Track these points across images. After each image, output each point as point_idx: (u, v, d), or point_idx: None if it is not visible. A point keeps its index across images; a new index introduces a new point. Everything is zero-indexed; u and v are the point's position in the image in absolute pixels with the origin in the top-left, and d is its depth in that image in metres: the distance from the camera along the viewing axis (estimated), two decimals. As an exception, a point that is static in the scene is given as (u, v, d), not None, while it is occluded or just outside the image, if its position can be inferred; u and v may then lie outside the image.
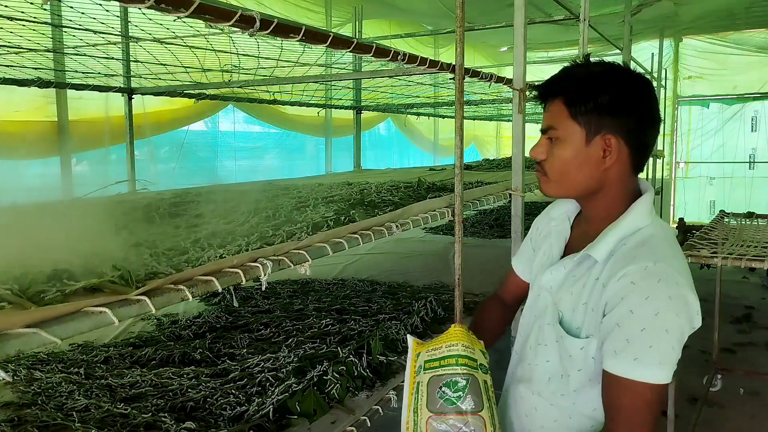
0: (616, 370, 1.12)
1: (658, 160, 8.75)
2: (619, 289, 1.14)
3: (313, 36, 1.60)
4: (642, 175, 1.31)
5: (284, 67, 3.77)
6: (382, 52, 1.97)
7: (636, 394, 1.11)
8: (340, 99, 5.92)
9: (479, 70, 2.79)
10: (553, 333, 1.28)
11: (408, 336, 1.38)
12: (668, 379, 1.11)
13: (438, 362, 1.25)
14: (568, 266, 1.29)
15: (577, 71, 1.25)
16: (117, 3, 1.30)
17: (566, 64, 1.30)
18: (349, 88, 5.56)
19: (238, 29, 1.35)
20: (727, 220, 4.00)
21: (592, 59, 1.29)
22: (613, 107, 1.18)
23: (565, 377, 1.27)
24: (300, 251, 1.67)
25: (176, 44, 3.25)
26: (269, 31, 1.41)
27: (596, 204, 1.27)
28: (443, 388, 1.22)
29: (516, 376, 1.43)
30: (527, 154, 3.02)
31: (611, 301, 1.15)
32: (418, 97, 6.06)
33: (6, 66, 3.19)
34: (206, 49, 3.43)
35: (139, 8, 1.19)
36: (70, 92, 4.24)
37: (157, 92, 4.07)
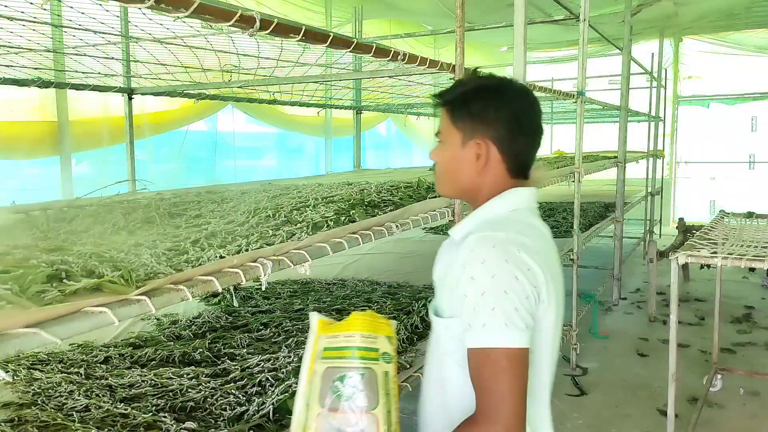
0: (471, 343, 1.11)
1: (658, 160, 8.75)
2: (462, 259, 1.17)
3: (313, 36, 1.60)
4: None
5: (284, 67, 3.77)
6: (382, 52, 1.97)
7: (491, 362, 1.08)
8: (340, 99, 5.92)
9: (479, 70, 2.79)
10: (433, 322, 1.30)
11: (311, 313, 1.24)
12: (520, 342, 1.08)
13: (334, 352, 1.17)
14: (443, 257, 1.33)
15: (464, 82, 1.37)
16: (117, 3, 1.30)
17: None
18: (349, 88, 5.56)
19: (238, 29, 1.35)
20: (727, 220, 4.00)
21: (483, 72, 1.38)
22: (485, 115, 1.27)
23: (438, 364, 1.28)
24: (300, 251, 1.67)
25: (176, 44, 3.25)
26: (269, 31, 1.41)
27: (477, 204, 1.33)
28: (336, 383, 1.14)
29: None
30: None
31: (459, 273, 1.16)
32: (418, 97, 6.06)
33: (6, 66, 3.19)
34: (206, 49, 3.43)
35: (139, 8, 1.19)
36: (70, 92, 4.24)
37: (157, 92, 4.07)
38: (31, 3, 2.51)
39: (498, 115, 1.27)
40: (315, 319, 1.23)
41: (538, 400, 1.23)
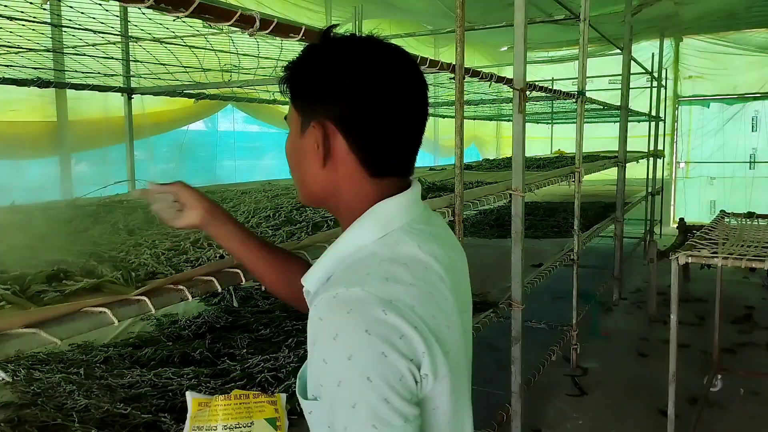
0: None
1: (658, 160, 8.75)
2: (311, 330, 0.83)
3: (313, 36, 1.60)
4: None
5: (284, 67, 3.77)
6: (382, 52, 1.97)
7: None
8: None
9: (479, 69, 2.79)
10: None
11: (187, 393, 0.99)
12: None
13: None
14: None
15: (309, 46, 0.95)
16: (117, 3, 1.30)
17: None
18: (349, 88, 5.55)
19: (237, 29, 1.35)
20: (727, 220, 4.00)
21: (338, 31, 0.97)
22: (322, 87, 0.88)
23: None
24: (300, 251, 1.67)
25: (176, 44, 3.25)
26: (269, 31, 1.41)
27: (338, 217, 0.97)
28: None
29: None
30: (528, 154, 3.03)
31: (310, 349, 0.84)
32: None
33: (6, 66, 3.19)
34: (206, 49, 3.43)
35: (139, 8, 1.19)
36: (70, 92, 4.24)
37: (157, 92, 4.07)
38: (31, 3, 2.50)
39: (339, 85, 0.87)
40: (189, 400, 0.98)
41: None
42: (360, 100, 0.87)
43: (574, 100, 4.11)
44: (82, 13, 2.63)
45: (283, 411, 0.99)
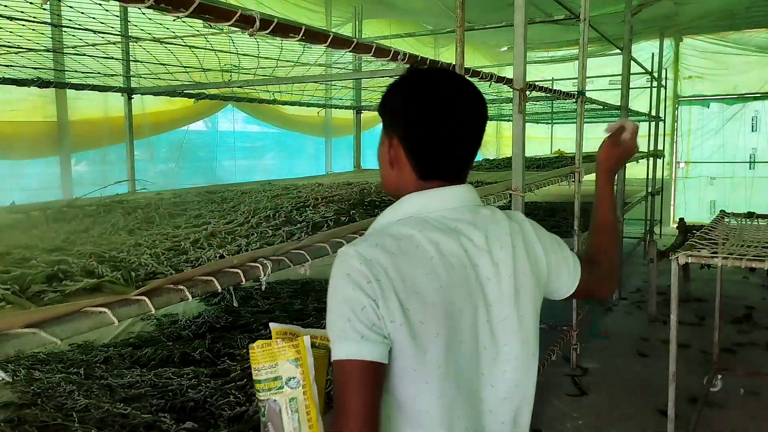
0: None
1: (658, 160, 8.75)
2: None
3: (313, 36, 1.60)
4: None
5: (284, 67, 3.77)
6: (382, 52, 1.97)
7: (334, 374, 1.06)
8: (341, 99, 5.92)
9: (479, 70, 2.79)
10: None
11: (271, 325, 1.24)
12: (355, 353, 1.02)
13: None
14: None
15: (398, 79, 1.25)
16: (117, 3, 1.30)
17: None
18: (349, 88, 5.55)
19: (237, 29, 1.35)
20: (727, 220, 4.00)
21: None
22: (391, 110, 1.20)
23: None
24: (300, 251, 1.67)
25: (176, 44, 3.25)
26: (269, 31, 1.41)
27: None
28: (258, 407, 1.17)
29: None
30: (528, 154, 3.03)
31: None
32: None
33: (6, 66, 3.19)
34: (206, 49, 3.43)
35: (139, 8, 1.19)
36: (70, 92, 4.24)
37: (157, 92, 4.07)
38: (31, 3, 2.50)
39: (401, 108, 1.17)
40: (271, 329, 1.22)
41: (423, 428, 1.09)
42: (412, 124, 1.16)
43: (574, 100, 4.11)
44: (82, 13, 2.62)
45: (306, 351, 1.15)
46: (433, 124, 1.14)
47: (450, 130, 1.15)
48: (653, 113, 8.28)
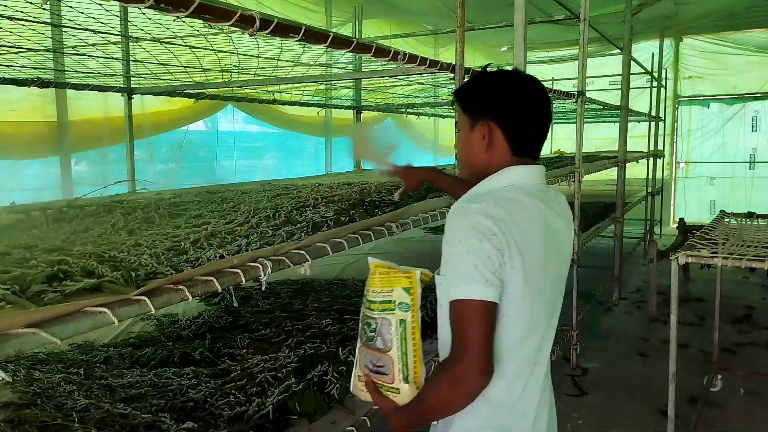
0: (450, 297, 1.29)
1: (658, 160, 8.75)
2: (445, 227, 1.36)
3: (313, 36, 1.60)
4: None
5: (284, 67, 3.77)
6: (382, 52, 1.97)
7: (457, 312, 1.27)
8: (341, 99, 5.92)
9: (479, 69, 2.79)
10: None
11: (369, 258, 1.43)
12: (480, 294, 1.24)
13: (366, 302, 1.39)
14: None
15: (473, 76, 1.55)
16: (117, 3, 1.30)
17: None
18: (349, 88, 5.56)
19: (238, 29, 1.35)
20: (727, 220, 4.00)
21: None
22: (489, 100, 1.43)
23: (439, 313, 1.41)
24: (300, 251, 1.67)
25: (176, 44, 3.25)
26: (269, 31, 1.41)
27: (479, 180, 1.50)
28: (364, 326, 1.39)
29: None
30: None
31: (443, 238, 1.36)
32: (418, 97, 6.06)
33: (6, 66, 3.19)
34: (206, 49, 3.43)
35: (139, 8, 1.19)
36: (70, 92, 4.24)
37: (157, 92, 4.06)
38: (31, 3, 2.50)
39: (507, 103, 1.42)
40: (370, 263, 1.42)
41: (512, 355, 1.34)
42: (513, 109, 1.41)
43: (574, 100, 4.11)
44: (82, 13, 2.63)
45: (417, 283, 1.35)
46: (530, 109, 1.42)
47: (539, 115, 1.43)
48: (653, 113, 8.28)
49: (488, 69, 1.51)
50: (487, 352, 1.25)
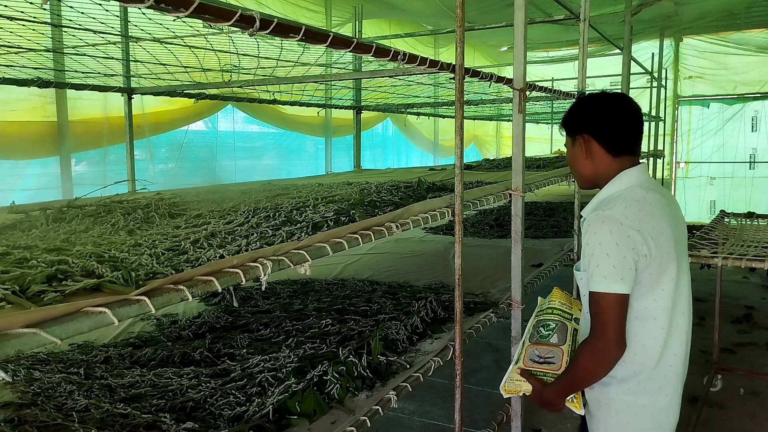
0: (589, 288, 1.64)
1: (658, 159, 8.75)
2: (584, 231, 1.70)
3: (313, 36, 1.60)
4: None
5: (284, 67, 3.77)
6: (382, 52, 1.97)
7: (595, 302, 1.62)
8: (340, 99, 5.92)
9: (479, 70, 2.79)
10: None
11: (555, 289, 1.92)
12: (616, 289, 1.59)
13: (542, 312, 1.86)
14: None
15: (577, 103, 1.93)
16: (117, 3, 1.30)
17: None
18: (349, 88, 5.55)
19: (237, 29, 1.35)
20: (727, 220, 4.00)
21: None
22: (583, 119, 1.81)
23: (584, 303, 1.80)
24: (300, 251, 1.67)
25: (176, 44, 3.25)
26: (269, 31, 1.40)
27: (599, 185, 1.83)
28: (540, 328, 1.82)
29: None
30: (528, 154, 3.03)
31: (584, 241, 1.70)
32: (418, 97, 6.06)
33: (6, 66, 3.19)
34: (206, 49, 3.42)
35: (139, 8, 1.19)
36: (70, 92, 4.24)
37: (157, 92, 4.06)
38: (31, 3, 2.50)
39: (592, 117, 1.79)
40: (554, 292, 1.90)
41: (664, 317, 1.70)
42: (604, 121, 1.79)
43: (574, 100, 4.11)
44: (82, 13, 2.63)
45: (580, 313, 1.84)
46: (612, 115, 1.77)
47: (623, 119, 1.77)
48: (653, 113, 8.28)
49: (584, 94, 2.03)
50: (617, 337, 1.60)
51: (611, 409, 1.75)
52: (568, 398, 1.76)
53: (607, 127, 1.76)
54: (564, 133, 1.88)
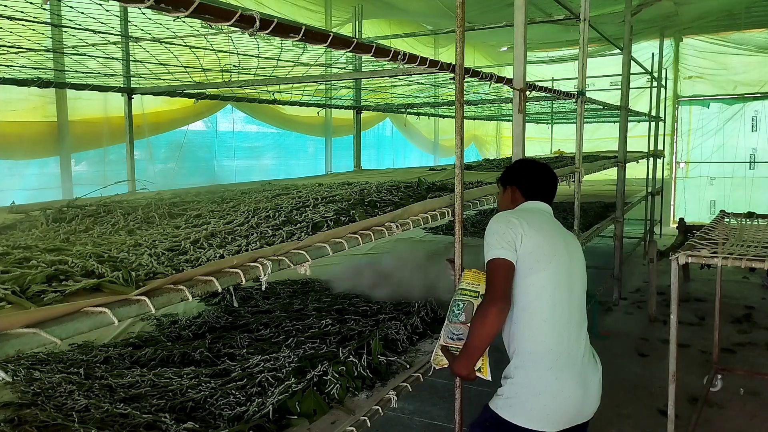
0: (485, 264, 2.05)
1: (658, 159, 8.75)
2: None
3: (313, 36, 1.60)
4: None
5: (284, 67, 3.77)
6: (382, 52, 1.97)
7: (488, 270, 1.99)
8: (340, 99, 5.92)
9: (479, 70, 2.79)
10: None
11: (465, 270, 2.18)
12: (499, 254, 1.96)
13: (456, 292, 2.11)
14: None
15: (513, 165, 2.42)
16: (117, 3, 1.30)
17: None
18: (349, 88, 5.55)
19: (237, 29, 1.35)
20: (727, 220, 3.99)
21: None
22: (513, 175, 2.31)
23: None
24: (300, 251, 1.67)
25: (176, 44, 3.25)
26: (269, 31, 1.40)
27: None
28: (453, 308, 2.08)
29: None
30: (527, 154, 3.03)
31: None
32: (418, 97, 6.06)
33: (6, 66, 3.19)
34: (206, 49, 3.42)
35: (139, 8, 1.19)
36: (70, 92, 4.24)
37: (157, 92, 4.06)
38: (31, 3, 2.50)
39: (519, 173, 2.29)
40: (464, 271, 2.19)
41: (533, 314, 2.02)
42: (523, 178, 2.28)
43: (574, 100, 4.11)
44: (82, 13, 2.63)
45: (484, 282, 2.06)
46: (533, 178, 2.26)
47: (540, 178, 2.27)
48: (653, 113, 8.28)
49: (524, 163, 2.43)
50: (506, 289, 1.93)
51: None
52: (476, 367, 2.02)
53: (529, 182, 2.26)
54: (499, 184, 2.37)
